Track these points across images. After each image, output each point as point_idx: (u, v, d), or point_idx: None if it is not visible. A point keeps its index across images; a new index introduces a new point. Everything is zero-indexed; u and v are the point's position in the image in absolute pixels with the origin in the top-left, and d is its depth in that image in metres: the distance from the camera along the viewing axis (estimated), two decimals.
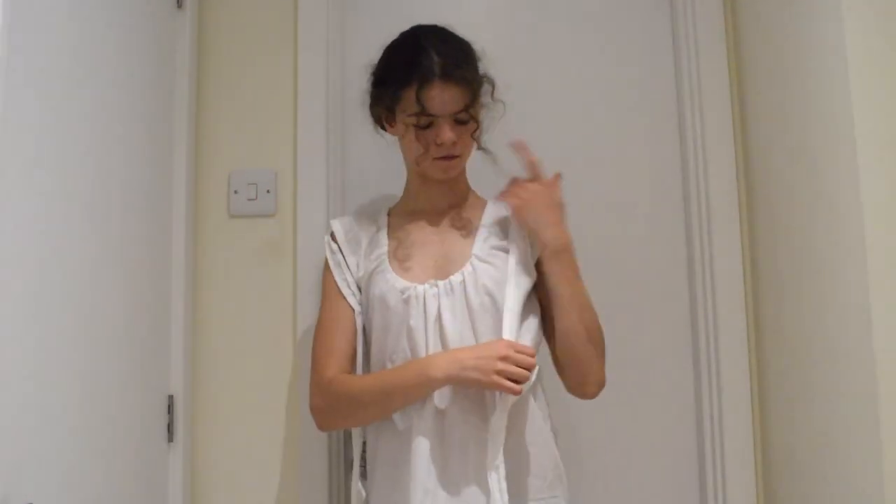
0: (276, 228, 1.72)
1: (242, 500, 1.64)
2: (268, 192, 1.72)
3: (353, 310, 1.39)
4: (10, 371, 1.01)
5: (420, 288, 1.33)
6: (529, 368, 1.24)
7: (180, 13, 1.67)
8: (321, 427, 1.40)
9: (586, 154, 1.77)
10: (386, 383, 1.31)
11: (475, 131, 1.37)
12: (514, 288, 1.32)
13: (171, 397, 1.57)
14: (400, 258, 1.39)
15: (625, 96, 1.80)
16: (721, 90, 1.74)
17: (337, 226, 1.47)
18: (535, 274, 1.36)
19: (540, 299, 1.38)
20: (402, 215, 1.46)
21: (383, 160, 1.74)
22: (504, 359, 1.23)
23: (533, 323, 1.34)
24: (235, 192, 1.72)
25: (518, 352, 1.24)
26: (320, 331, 1.41)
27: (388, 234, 1.44)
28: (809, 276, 1.42)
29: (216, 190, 1.73)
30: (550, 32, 1.81)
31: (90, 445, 1.24)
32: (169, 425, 1.56)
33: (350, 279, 1.41)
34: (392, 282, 1.35)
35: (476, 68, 1.38)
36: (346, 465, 1.68)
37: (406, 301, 1.32)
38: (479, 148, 1.42)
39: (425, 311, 1.31)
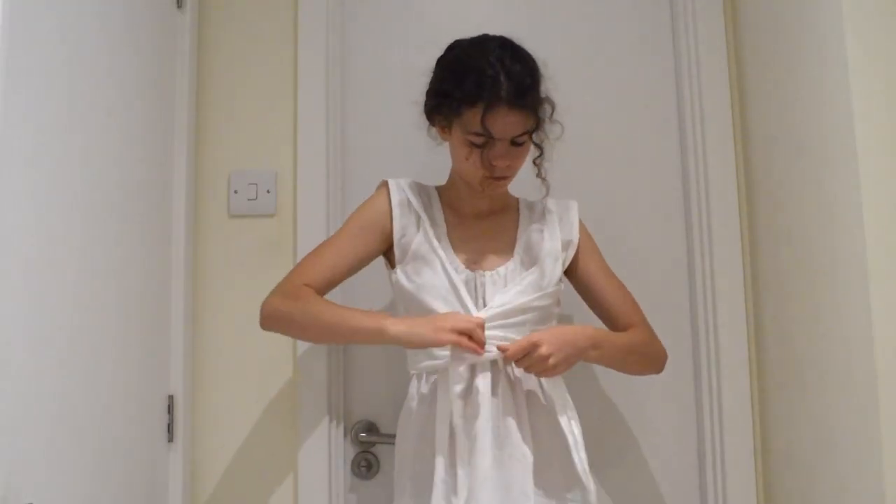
0: (276, 228, 1.72)
1: (242, 500, 1.64)
2: (268, 192, 1.72)
3: (360, 253, 1.42)
4: (10, 371, 1.01)
5: (471, 274, 1.39)
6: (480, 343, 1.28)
7: (180, 13, 1.67)
8: (262, 323, 1.39)
9: (586, 154, 1.77)
10: (341, 321, 1.33)
11: (537, 158, 1.40)
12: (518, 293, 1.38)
13: (171, 397, 1.57)
14: (454, 241, 1.42)
15: (625, 96, 1.80)
16: (721, 90, 1.74)
17: (393, 185, 1.45)
18: (557, 282, 1.41)
19: (582, 293, 1.51)
20: (448, 206, 1.47)
21: (384, 160, 1.75)
22: (454, 328, 1.26)
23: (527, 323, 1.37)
24: (235, 192, 1.72)
25: (474, 327, 1.27)
26: (323, 248, 1.43)
27: (443, 213, 1.46)
28: (809, 276, 1.42)
29: (216, 190, 1.73)
30: (550, 33, 1.81)
31: (90, 445, 1.24)
32: (169, 425, 1.56)
33: (376, 227, 1.42)
34: (451, 259, 1.39)
35: (540, 91, 1.37)
36: (345, 465, 1.68)
37: (458, 281, 1.36)
38: (539, 176, 1.44)
39: (475, 296, 1.37)
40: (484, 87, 1.29)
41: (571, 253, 1.47)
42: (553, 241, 1.44)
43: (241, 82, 1.76)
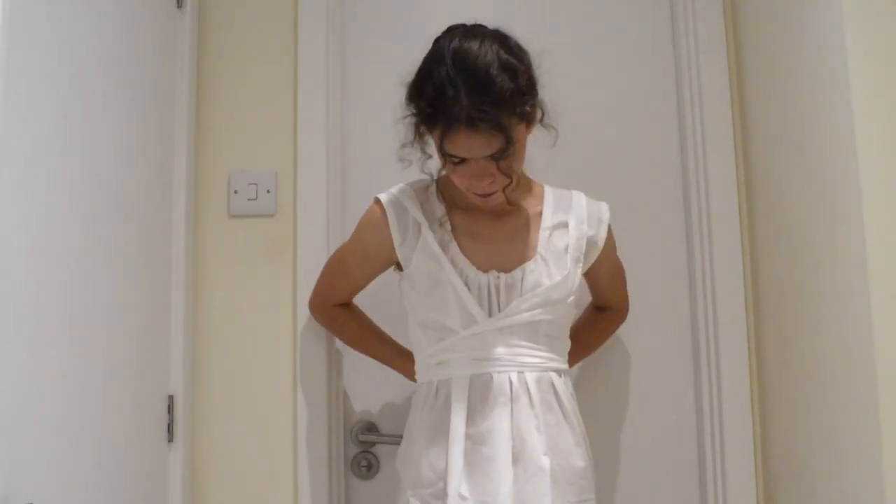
0: (276, 228, 1.72)
1: (242, 500, 1.64)
2: (268, 192, 1.72)
3: (370, 276, 1.47)
4: (9, 371, 1.01)
5: (485, 277, 1.31)
6: None
7: (180, 13, 1.67)
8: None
9: (586, 154, 1.77)
10: (361, 348, 1.58)
11: (508, 186, 1.25)
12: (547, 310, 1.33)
13: (171, 397, 1.57)
14: (463, 243, 1.33)
15: (625, 96, 1.80)
16: (721, 90, 1.74)
17: (384, 197, 1.37)
18: (577, 287, 1.38)
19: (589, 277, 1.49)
20: (453, 201, 1.37)
21: (384, 160, 1.74)
22: None
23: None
24: (235, 192, 1.72)
25: None
26: (335, 275, 1.51)
27: (448, 213, 1.35)
28: (809, 276, 1.42)
29: (216, 190, 1.73)
30: (550, 33, 1.81)
31: (90, 445, 1.24)
32: (169, 425, 1.56)
33: (378, 251, 1.39)
34: (461, 265, 1.31)
35: (519, 99, 1.17)
36: (345, 465, 1.68)
37: (471, 288, 1.30)
38: (509, 203, 1.33)
39: (489, 302, 1.30)
40: (440, 108, 1.14)
41: (593, 257, 1.41)
42: (579, 241, 1.37)
43: (241, 82, 1.76)
